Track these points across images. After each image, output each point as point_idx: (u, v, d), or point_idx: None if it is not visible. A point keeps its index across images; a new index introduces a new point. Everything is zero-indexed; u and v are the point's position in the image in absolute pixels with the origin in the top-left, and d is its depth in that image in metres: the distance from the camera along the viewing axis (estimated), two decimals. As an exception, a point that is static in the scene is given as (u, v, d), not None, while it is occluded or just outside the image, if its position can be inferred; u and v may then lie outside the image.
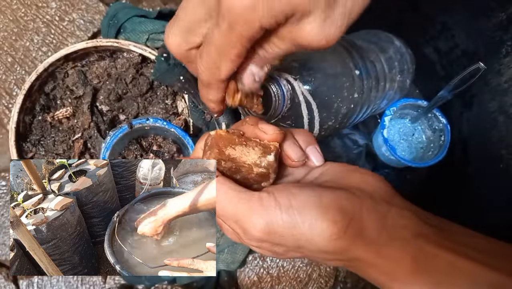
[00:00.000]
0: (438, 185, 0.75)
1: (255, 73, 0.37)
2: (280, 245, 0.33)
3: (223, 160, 0.35)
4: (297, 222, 0.32)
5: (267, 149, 0.36)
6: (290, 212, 0.32)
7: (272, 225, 0.32)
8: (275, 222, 0.32)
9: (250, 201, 0.33)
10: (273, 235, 0.33)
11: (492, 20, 0.59)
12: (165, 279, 0.73)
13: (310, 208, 0.32)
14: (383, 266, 0.33)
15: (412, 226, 0.33)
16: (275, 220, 0.32)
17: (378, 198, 0.34)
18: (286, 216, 0.32)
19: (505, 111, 0.59)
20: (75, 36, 0.81)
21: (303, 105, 0.47)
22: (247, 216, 0.33)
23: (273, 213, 0.32)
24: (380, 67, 0.58)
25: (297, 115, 0.48)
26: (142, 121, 0.69)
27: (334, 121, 0.51)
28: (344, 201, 0.33)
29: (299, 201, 0.32)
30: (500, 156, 0.60)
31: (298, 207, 0.32)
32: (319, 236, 0.32)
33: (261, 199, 0.33)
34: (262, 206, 0.33)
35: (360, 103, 0.53)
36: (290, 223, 0.32)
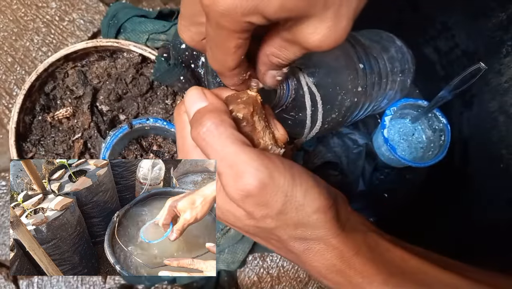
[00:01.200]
0: (438, 185, 0.75)
1: (275, 75, 0.37)
2: (264, 206, 0.33)
3: (246, 122, 0.35)
4: (295, 185, 0.33)
5: (277, 143, 0.37)
6: (293, 173, 0.33)
7: (274, 179, 0.32)
8: (278, 178, 0.32)
9: (253, 150, 0.32)
10: (267, 190, 0.32)
11: (492, 20, 0.59)
12: (165, 279, 0.73)
13: (307, 178, 0.34)
14: (345, 251, 0.36)
15: (368, 225, 0.39)
16: (278, 175, 0.32)
17: (344, 200, 0.39)
18: (289, 176, 0.32)
19: (506, 111, 0.59)
20: (75, 36, 0.81)
21: (307, 97, 0.47)
22: (249, 161, 0.31)
23: (278, 167, 0.32)
24: (382, 64, 0.58)
25: (301, 107, 0.48)
26: (142, 121, 0.69)
27: (337, 114, 0.51)
28: (328, 187, 0.36)
29: (299, 168, 0.34)
30: (500, 155, 0.60)
31: (299, 172, 0.33)
32: (310, 204, 0.33)
33: (265, 152, 0.33)
34: (268, 157, 0.32)
35: (363, 98, 0.53)
36: (291, 184, 0.32)
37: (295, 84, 0.47)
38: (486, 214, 0.62)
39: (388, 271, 0.35)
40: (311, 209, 0.33)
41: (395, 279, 0.35)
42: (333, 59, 0.50)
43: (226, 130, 0.32)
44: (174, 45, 0.66)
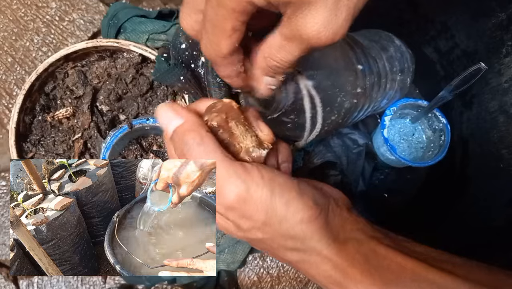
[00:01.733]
0: (438, 185, 0.75)
1: (270, 83, 0.37)
2: (248, 219, 0.33)
3: (222, 129, 0.35)
4: (275, 197, 0.33)
5: (261, 144, 0.36)
6: (272, 186, 0.33)
7: (252, 192, 0.32)
8: (255, 191, 0.32)
9: (232, 164, 0.33)
10: (247, 204, 0.32)
11: (492, 20, 0.59)
12: (165, 279, 0.73)
13: (289, 188, 0.33)
14: (339, 262, 0.35)
15: (366, 230, 0.37)
16: (255, 188, 0.32)
17: (340, 204, 0.38)
18: (267, 188, 0.32)
19: (506, 111, 0.59)
20: (75, 36, 0.81)
21: (306, 100, 0.47)
22: (227, 176, 0.32)
23: (255, 180, 0.32)
24: (381, 64, 0.58)
25: (300, 110, 0.48)
26: (142, 121, 0.69)
27: (337, 116, 0.51)
28: (316, 195, 0.36)
29: (281, 179, 0.34)
30: (501, 155, 0.60)
31: (280, 184, 0.33)
32: (292, 216, 0.33)
33: (244, 165, 0.33)
34: (245, 171, 0.32)
35: (362, 99, 0.53)
36: (269, 197, 0.32)
37: (294, 88, 0.47)
38: (486, 213, 0.62)
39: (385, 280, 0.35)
40: (294, 221, 0.33)
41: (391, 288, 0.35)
42: (331, 61, 0.50)
43: (207, 147, 0.33)
44: (174, 45, 0.66)
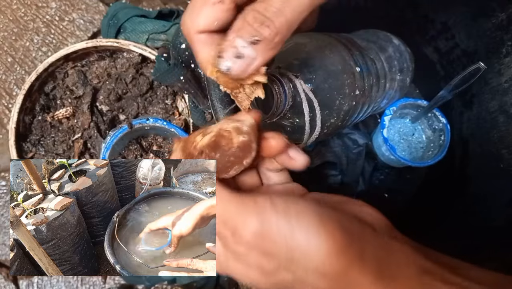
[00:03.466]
0: (438, 184, 0.75)
1: (238, 47, 0.31)
2: (271, 256, 0.29)
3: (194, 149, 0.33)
4: (293, 229, 0.28)
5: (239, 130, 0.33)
6: (288, 217, 0.28)
7: (267, 227, 0.28)
8: (270, 225, 0.28)
9: (243, 201, 0.29)
10: (266, 240, 0.28)
11: (492, 20, 0.59)
12: (165, 279, 0.73)
13: (309, 217, 0.28)
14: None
15: (416, 263, 0.30)
16: (270, 222, 0.28)
17: (379, 229, 0.31)
18: (283, 221, 0.28)
19: (506, 111, 0.59)
20: (75, 36, 0.81)
21: (305, 103, 0.47)
22: (239, 214, 0.29)
23: (268, 214, 0.28)
24: (380, 65, 0.58)
25: (299, 114, 0.48)
26: (142, 121, 0.69)
27: (336, 119, 0.51)
28: (344, 220, 0.29)
29: (298, 207, 0.29)
30: (501, 155, 0.60)
31: (297, 213, 0.28)
32: (316, 250, 0.28)
33: (255, 200, 0.29)
34: (257, 205, 0.29)
35: (362, 101, 0.53)
36: (286, 230, 0.28)
37: (292, 92, 0.47)
38: (486, 214, 0.62)
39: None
40: (320, 255, 0.28)
41: None
42: (329, 64, 0.50)
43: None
44: (174, 45, 0.66)
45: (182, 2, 0.88)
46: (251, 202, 0.29)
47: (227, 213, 0.29)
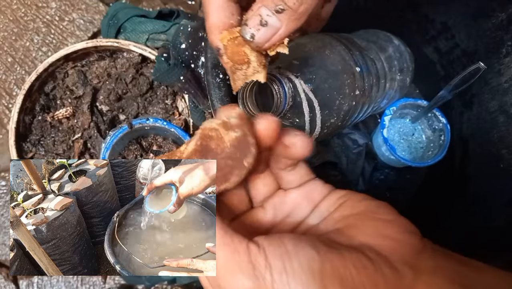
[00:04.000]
0: (438, 184, 0.75)
1: (263, 15, 0.31)
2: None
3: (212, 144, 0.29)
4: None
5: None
6: (283, 279, 0.25)
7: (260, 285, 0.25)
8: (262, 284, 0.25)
9: (235, 250, 0.26)
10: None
11: (492, 20, 0.59)
12: (165, 279, 0.73)
13: (307, 278, 0.25)
14: None
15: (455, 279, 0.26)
16: (263, 286, 0.25)
17: (400, 262, 0.27)
18: (278, 284, 0.25)
19: (506, 111, 0.59)
20: (75, 36, 0.81)
21: (305, 103, 0.47)
22: (230, 271, 0.25)
23: (262, 276, 0.25)
24: (380, 65, 0.58)
25: (299, 114, 0.48)
26: (142, 121, 0.69)
27: (336, 119, 0.51)
28: (352, 270, 0.25)
29: (295, 264, 0.25)
30: (501, 155, 0.60)
31: (294, 273, 0.25)
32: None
33: (249, 253, 0.26)
34: (250, 263, 0.25)
35: (362, 101, 0.53)
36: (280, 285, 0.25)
37: (292, 92, 0.47)
38: (486, 214, 0.62)
39: None
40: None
41: None
42: (329, 64, 0.50)
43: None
44: (174, 45, 0.66)
45: (182, 2, 0.88)
46: (245, 255, 0.26)
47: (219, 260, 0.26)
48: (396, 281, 0.26)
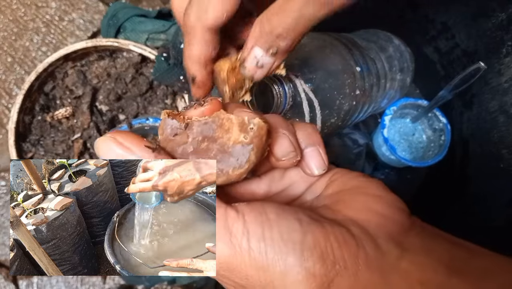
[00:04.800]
0: (438, 184, 0.75)
1: (258, 58, 0.33)
2: (244, 288, 0.25)
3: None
4: (267, 263, 0.24)
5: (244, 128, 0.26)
6: (261, 247, 0.24)
7: (237, 259, 0.24)
8: (240, 257, 0.24)
9: (223, 219, 0.25)
10: (236, 273, 0.24)
11: (492, 20, 0.59)
12: (165, 279, 0.73)
13: (287, 248, 0.24)
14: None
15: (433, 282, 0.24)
16: (240, 253, 0.24)
17: (385, 239, 0.26)
18: (255, 252, 0.24)
19: (506, 111, 0.59)
20: (74, 36, 0.81)
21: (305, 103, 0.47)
22: (217, 236, 0.25)
23: (238, 242, 0.24)
24: (380, 65, 0.58)
25: (299, 114, 0.48)
26: (142, 121, 0.68)
27: (336, 118, 0.51)
28: (334, 244, 0.24)
29: (275, 233, 0.24)
30: (501, 155, 0.60)
31: (273, 242, 0.24)
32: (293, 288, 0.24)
33: (226, 218, 0.25)
34: (227, 228, 0.24)
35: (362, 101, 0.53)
36: (259, 263, 0.24)
37: (292, 92, 0.47)
38: (486, 213, 0.62)
39: None
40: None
41: None
42: (329, 64, 0.50)
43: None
44: (174, 45, 0.66)
45: (182, 2, 0.88)
46: (221, 220, 0.25)
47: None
48: (378, 258, 0.25)
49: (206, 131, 0.26)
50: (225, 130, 0.26)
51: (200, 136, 0.27)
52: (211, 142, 0.27)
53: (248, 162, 0.26)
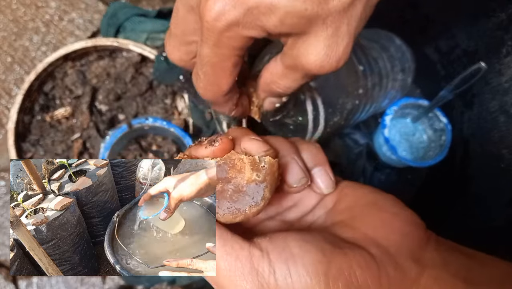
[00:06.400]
0: (439, 184, 0.75)
1: (274, 102, 0.37)
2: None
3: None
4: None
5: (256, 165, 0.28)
6: (288, 283, 0.25)
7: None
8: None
9: (237, 258, 0.26)
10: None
11: (493, 20, 0.59)
12: (165, 279, 0.73)
13: (312, 281, 0.25)
14: None
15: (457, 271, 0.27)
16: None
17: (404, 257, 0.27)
18: (282, 287, 0.25)
19: (506, 111, 0.59)
20: (74, 36, 0.81)
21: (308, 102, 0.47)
22: (233, 280, 0.26)
23: (266, 281, 0.25)
24: (382, 64, 0.58)
25: (302, 112, 0.48)
26: (142, 121, 0.68)
27: (339, 117, 0.51)
28: (357, 270, 0.26)
29: (300, 268, 0.25)
30: (501, 155, 0.60)
31: (299, 276, 0.25)
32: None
33: (251, 258, 0.26)
34: (253, 269, 0.25)
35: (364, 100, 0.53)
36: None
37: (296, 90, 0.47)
38: (487, 214, 0.62)
39: None
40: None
41: None
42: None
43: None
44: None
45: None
46: (247, 261, 0.26)
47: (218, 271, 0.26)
48: (400, 277, 0.26)
49: (220, 174, 0.28)
50: (237, 170, 0.27)
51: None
52: (225, 183, 0.28)
53: (264, 199, 0.27)
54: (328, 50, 0.27)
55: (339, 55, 0.28)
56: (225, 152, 0.29)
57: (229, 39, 0.27)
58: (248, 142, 0.30)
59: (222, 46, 0.28)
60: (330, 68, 0.28)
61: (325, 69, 0.28)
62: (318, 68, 0.28)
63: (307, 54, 0.28)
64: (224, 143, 0.29)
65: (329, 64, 0.28)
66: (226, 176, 0.28)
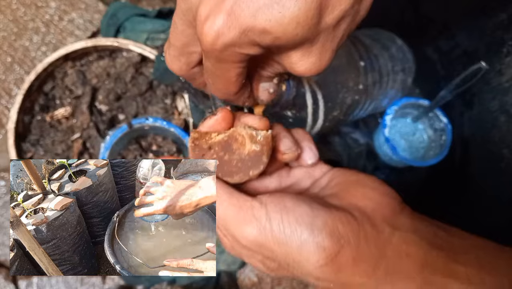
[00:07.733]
0: (439, 184, 0.75)
1: (268, 88, 0.38)
2: (271, 259, 0.32)
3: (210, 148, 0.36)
4: (286, 240, 0.30)
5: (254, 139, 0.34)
6: (281, 228, 0.30)
7: (263, 237, 0.31)
8: (265, 236, 0.31)
9: (241, 208, 0.32)
10: (263, 247, 0.31)
11: (493, 20, 0.59)
12: (165, 279, 0.73)
13: (301, 228, 0.30)
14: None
15: (417, 254, 0.31)
16: (264, 233, 0.31)
17: (380, 220, 0.32)
18: (276, 232, 0.30)
19: (506, 110, 0.59)
20: (74, 36, 0.81)
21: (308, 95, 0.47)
22: (237, 224, 0.32)
23: (263, 225, 0.31)
24: (383, 62, 0.58)
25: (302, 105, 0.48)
26: (142, 121, 0.68)
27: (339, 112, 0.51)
28: (339, 225, 0.31)
29: (291, 217, 0.31)
30: (501, 155, 0.60)
31: (290, 224, 0.30)
32: (306, 260, 0.30)
33: (252, 208, 0.32)
34: (253, 216, 0.31)
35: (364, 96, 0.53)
36: (280, 240, 0.30)
37: (296, 83, 0.47)
38: (487, 213, 0.62)
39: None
40: (310, 265, 0.30)
41: None
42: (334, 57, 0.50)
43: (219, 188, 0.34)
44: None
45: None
46: (249, 210, 0.32)
47: (226, 218, 0.32)
48: (374, 235, 0.31)
49: (226, 148, 0.35)
50: (239, 143, 0.34)
51: (221, 152, 0.35)
52: (230, 154, 0.35)
53: (262, 164, 0.34)
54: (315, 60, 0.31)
55: (323, 64, 0.32)
56: (226, 120, 0.36)
57: (228, 56, 0.30)
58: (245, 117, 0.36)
59: (223, 62, 0.31)
60: (314, 73, 0.33)
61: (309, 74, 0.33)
62: (303, 73, 0.33)
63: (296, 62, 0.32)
64: (225, 112, 0.35)
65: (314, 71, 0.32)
66: (230, 149, 0.35)
